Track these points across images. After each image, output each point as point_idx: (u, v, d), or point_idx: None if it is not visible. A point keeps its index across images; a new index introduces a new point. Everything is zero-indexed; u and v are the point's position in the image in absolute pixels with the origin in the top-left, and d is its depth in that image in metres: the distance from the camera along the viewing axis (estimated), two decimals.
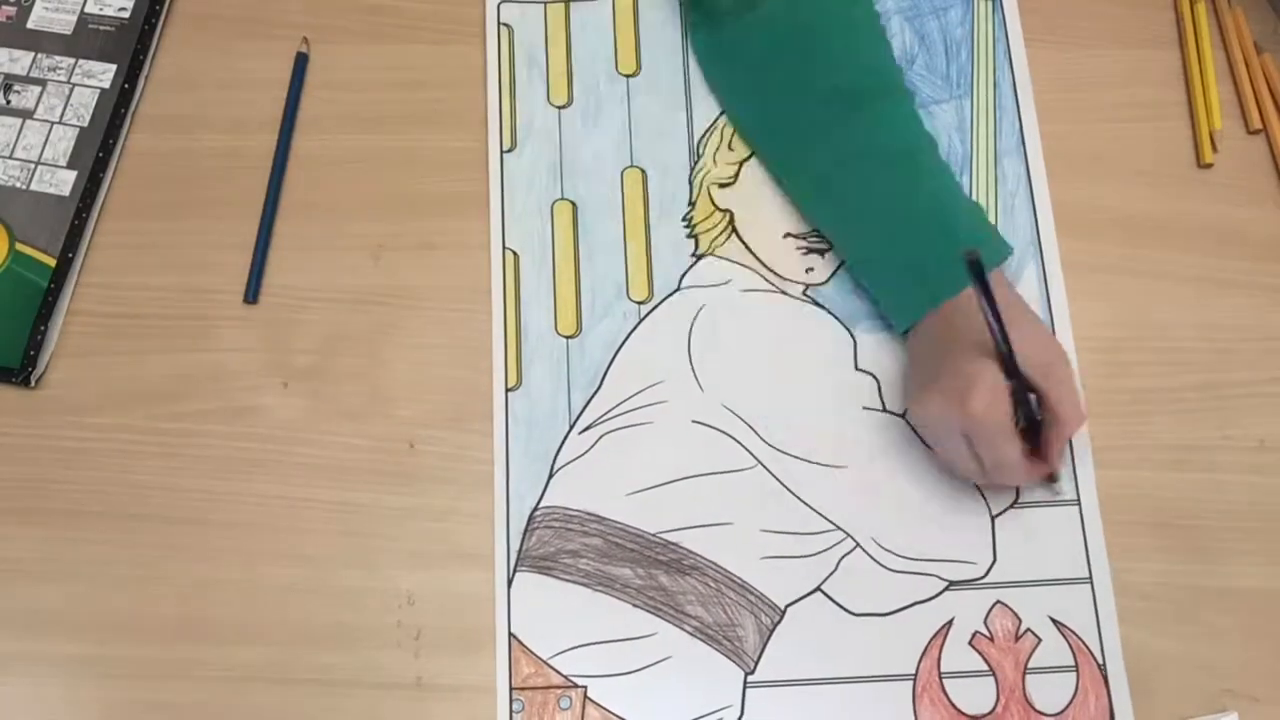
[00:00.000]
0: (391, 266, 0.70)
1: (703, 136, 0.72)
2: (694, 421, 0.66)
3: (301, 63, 0.74)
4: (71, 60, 0.74)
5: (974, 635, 0.62)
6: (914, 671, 0.61)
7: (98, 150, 0.71)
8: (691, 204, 0.71)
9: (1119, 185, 0.71)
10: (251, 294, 0.69)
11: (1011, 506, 0.64)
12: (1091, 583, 0.63)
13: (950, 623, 0.62)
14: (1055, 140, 0.71)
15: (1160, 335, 0.67)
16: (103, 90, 0.73)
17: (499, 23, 0.75)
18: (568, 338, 0.68)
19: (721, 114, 0.72)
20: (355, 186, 0.71)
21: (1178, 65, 0.73)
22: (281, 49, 0.74)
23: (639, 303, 0.69)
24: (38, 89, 0.73)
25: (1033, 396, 0.58)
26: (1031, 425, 0.58)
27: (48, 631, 0.63)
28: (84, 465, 0.66)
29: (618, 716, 0.61)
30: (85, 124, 0.72)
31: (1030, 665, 0.61)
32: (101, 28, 0.74)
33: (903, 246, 0.63)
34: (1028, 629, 0.62)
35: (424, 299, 0.69)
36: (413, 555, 0.64)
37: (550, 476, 0.65)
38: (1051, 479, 0.63)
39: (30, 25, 0.74)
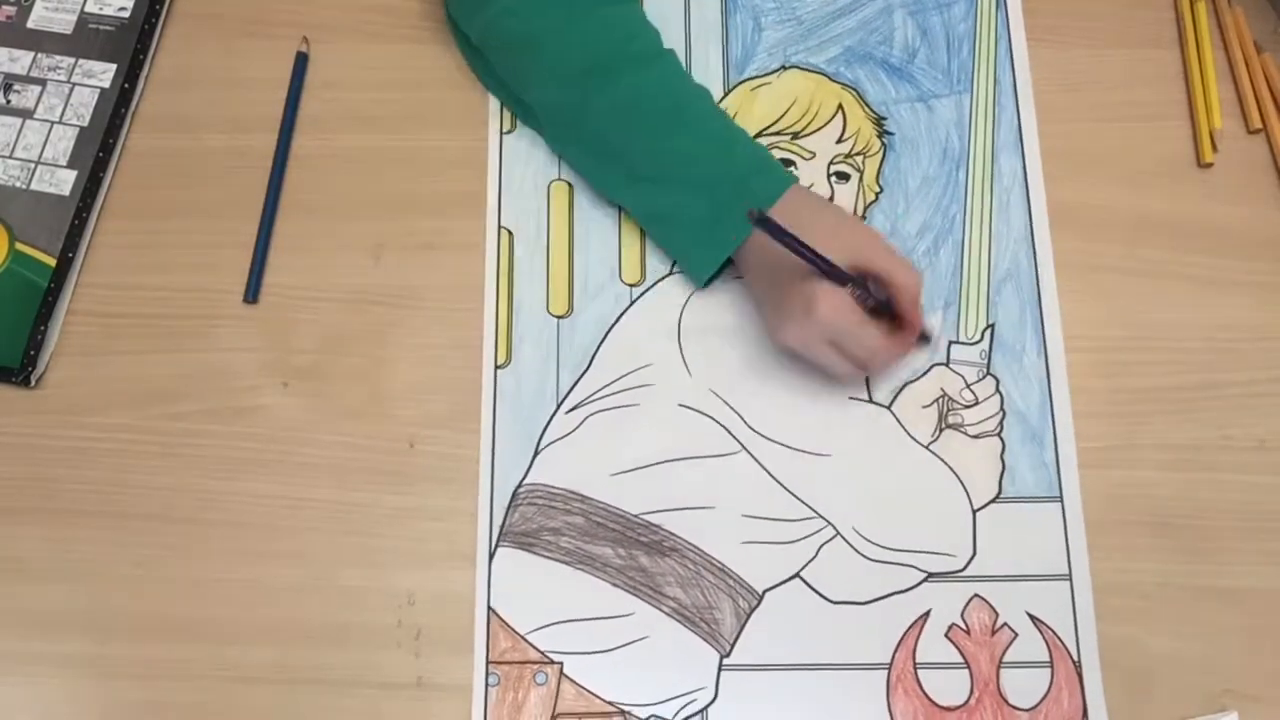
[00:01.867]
0: (391, 266, 0.70)
1: None
2: (680, 405, 0.66)
3: (301, 63, 0.74)
4: (71, 60, 0.74)
5: (950, 627, 0.62)
6: (889, 661, 0.62)
7: (98, 150, 0.71)
8: None
9: (1119, 185, 0.71)
10: (251, 294, 0.69)
11: (994, 501, 0.64)
12: (1070, 580, 0.63)
13: (927, 614, 0.63)
14: (1056, 140, 0.71)
15: (1160, 335, 0.67)
16: (103, 90, 0.73)
17: None
18: (559, 317, 0.68)
19: (720, 101, 0.73)
20: (355, 186, 0.71)
21: (1178, 65, 0.73)
22: (281, 49, 0.74)
23: (631, 285, 0.69)
24: (38, 89, 0.73)
25: (870, 284, 0.60)
26: (880, 305, 0.60)
27: (48, 631, 0.63)
28: (84, 465, 0.66)
29: (593, 694, 0.61)
30: (85, 124, 0.72)
31: (1005, 659, 0.62)
32: (101, 27, 0.74)
33: (684, 201, 0.64)
34: (1004, 623, 0.62)
35: (424, 298, 0.69)
36: (413, 555, 0.64)
37: (535, 454, 0.66)
38: (925, 339, 0.65)
39: (30, 25, 0.74)
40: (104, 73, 0.73)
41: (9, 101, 0.73)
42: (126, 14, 0.75)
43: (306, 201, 0.71)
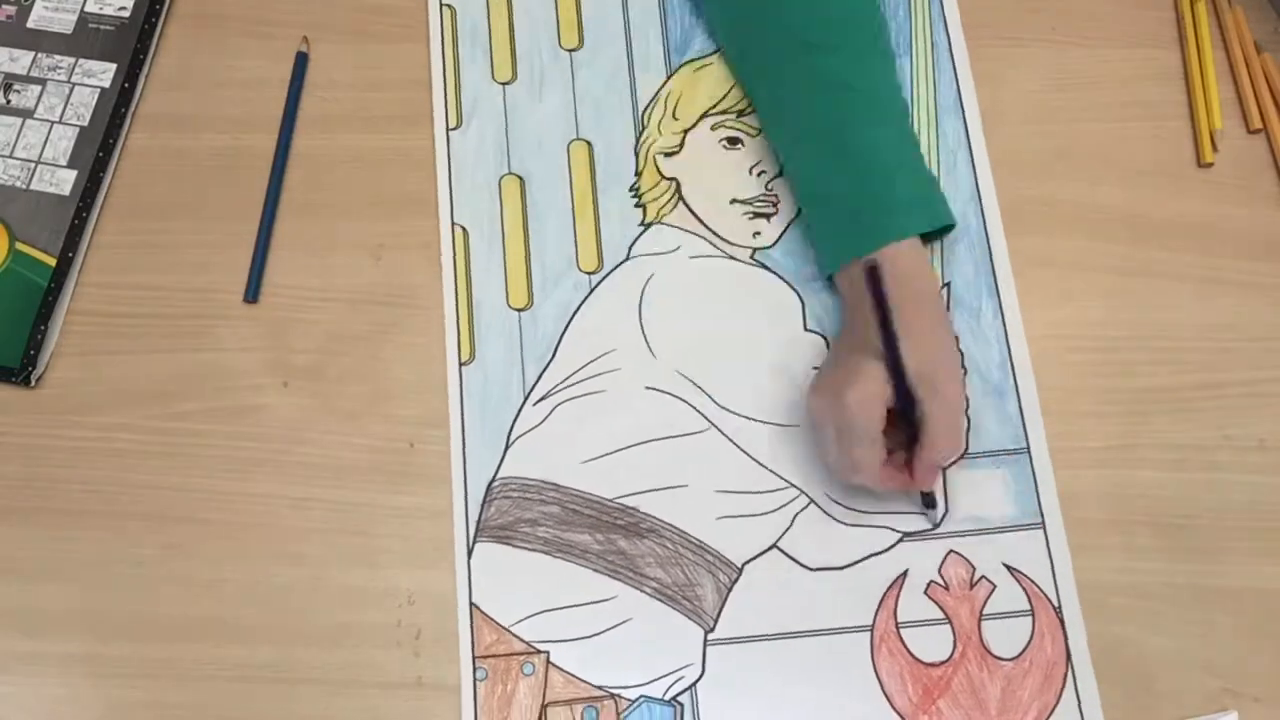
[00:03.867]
0: (391, 266, 0.70)
1: (646, 107, 0.73)
2: (647, 388, 0.66)
3: (301, 62, 0.74)
4: (71, 60, 0.74)
5: (929, 585, 0.63)
6: (871, 623, 0.62)
7: (98, 150, 0.71)
8: (638, 174, 0.71)
9: (1119, 185, 0.70)
10: (251, 294, 0.69)
11: (962, 457, 0.64)
12: (1044, 528, 0.63)
13: (905, 573, 0.63)
14: (1056, 140, 0.71)
15: (1160, 335, 0.67)
16: (103, 90, 0.73)
17: (441, 3, 0.75)
18: (519, 310, 0.69)
19: (664, 85, 0.73)
20: (355, 186, 0.71)
21: (1178, 65, 0.73)
22: (281, 49, 0.74)
23: (589, 273, 0.69)
24: (38, 88, 0.73)
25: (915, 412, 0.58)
26: (912, 436, 0.59)
27: (48, 631, 0.63)
28: (84, 465, 0.66)
29: (581, 680, 0.61)
30: (85, 123, 0.72)
31: (986, 611, 0.62)
32: (101, 27, 0.74)
33: (841, 185, 0.64)
34: (982, 576, 0.63)
35: (424, 298, 0.69)
36: (412, 555, 0.64)
37: (506, 448, 0.66)
38: (927, 503, 0.62)
39: (30, 25, 0.74)
40: (104, 72, 0.73)
41: (9, 101, 0.73)
42: (126, 14, 0.75)
43: (306, 201, 0.71)
